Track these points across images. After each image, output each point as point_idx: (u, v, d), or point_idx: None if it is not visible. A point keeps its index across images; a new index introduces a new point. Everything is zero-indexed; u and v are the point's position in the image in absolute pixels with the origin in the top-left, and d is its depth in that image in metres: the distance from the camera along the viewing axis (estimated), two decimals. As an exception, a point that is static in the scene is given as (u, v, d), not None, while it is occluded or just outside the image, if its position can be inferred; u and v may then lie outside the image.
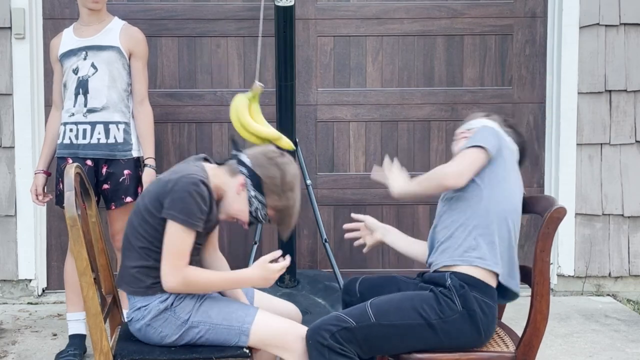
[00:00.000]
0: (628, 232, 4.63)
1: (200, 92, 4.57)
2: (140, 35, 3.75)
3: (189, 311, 2.51)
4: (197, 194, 2.44)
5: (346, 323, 2.48)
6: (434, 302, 2.51)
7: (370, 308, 2.51)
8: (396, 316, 2.49)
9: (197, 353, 2.49)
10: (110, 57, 3.64)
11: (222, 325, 2.49)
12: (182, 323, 2.50)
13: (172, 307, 2.51)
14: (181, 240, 2.45)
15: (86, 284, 2.40)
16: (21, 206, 4.42)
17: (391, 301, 2.55)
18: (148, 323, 2.51)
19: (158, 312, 2.50)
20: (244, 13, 4.55)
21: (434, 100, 4.67)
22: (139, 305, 2.53)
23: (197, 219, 2.45)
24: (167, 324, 2.51)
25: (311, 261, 4.67)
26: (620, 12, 4.54)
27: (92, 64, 3.63)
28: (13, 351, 3.71)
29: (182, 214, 2.43)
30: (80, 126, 3.61)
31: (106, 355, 2.43)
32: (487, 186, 2.59)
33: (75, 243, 2.37)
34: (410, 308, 2.50)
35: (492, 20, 4.66)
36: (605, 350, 3.79)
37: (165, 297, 2.52)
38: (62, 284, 4.54)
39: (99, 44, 3.65)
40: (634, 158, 4.60)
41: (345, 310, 2.57)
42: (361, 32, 4.63)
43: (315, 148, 4.64)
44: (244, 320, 2.49)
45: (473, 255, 2.56)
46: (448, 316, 2.49)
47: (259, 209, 2.55)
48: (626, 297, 4.64)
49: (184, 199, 2.43)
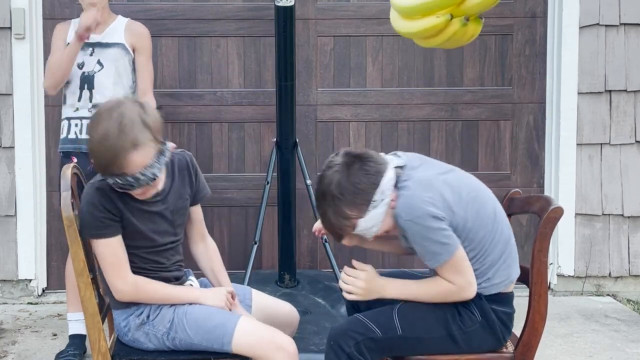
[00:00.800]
0: (628, 232, 4.63)
1: (200, 92, 4.57)
2: (144, 29, 3.78)
3: (169, 319, 2.47)
4: (88, 204, 2.42)
5: (373, 333, 2.44)
6: (455, 313, 2.47)
7: (398, 317, 2.46)
8: (422, 329, 2.45)
9: (195, 354, 2.49)
10: (116, 53, 3.67)
11: (202, 344, 2.45)
12: (164, 334, 2.47)
13: (150, 320, 2.49)
14: (101, 250, 2.44)
15: (83, 284, 2.40)
16: (21, 206, 4.42)
17: (418, 310, 2.48)
18: (132, 339, 2.51)
19: (136, 327, 2.49)
20: (244, 13, 4.55)
21: (434, 100, 4.67)
22: (118, 321, 2.53)
23: (97, 227, 2.42)
24: (151, 337, 2.49)
25: (311, 261, 4.67)
26: (620, 12, 4.53)
27: (98, 61, 3.64)
28: (13, 351, 3.72)
29: (85, 229, 2.43)
30: (85, 121, 3.62)
31: (104, 355, 2.43)
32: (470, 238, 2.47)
33: (72, 243, 2.37)
34: (435, 320, 2.46)
35: (492, 20, 4.64)
36: (605, 350, 3.78)
37: (140, 310, 2.50)
38: (62, 284, 4.55)
39: (106, 41, 3.67)
40: (634, 158, 4.59)
41: (370, 316, 2.49)
42: (361, 32, 4.63)
43: (315, 148, 4.64)
44: (222, 342, 2.43)
45: (482, 285, 2.49)
46: (468, 327, 2.47)
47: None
48: (626, 297, 4.64)
49: (82, 217, 2.44)
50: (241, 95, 4.57)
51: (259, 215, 4.02)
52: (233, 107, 4.57)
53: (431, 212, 2.35)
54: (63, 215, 2.35)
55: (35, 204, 4.44)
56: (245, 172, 4.63)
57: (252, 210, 4.56)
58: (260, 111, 4.58)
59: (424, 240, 2.39)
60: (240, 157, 4.62)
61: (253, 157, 4.61)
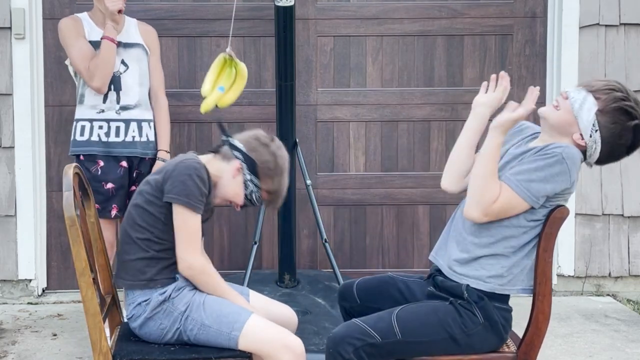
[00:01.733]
0: (628, 232, 4.63)
1: (200, 92, 4.55)
2: (153, 29, 3.82)
3: (187, 302, 2.52)
4: (197, 177, 2.50)
5: (372, 338, 2.42)
6: (456, 315, 2.46)
7: (397, 322, 2.45)
8: (422, 333, 2.44)
9: (197, 353, 2.49)
10: (138, 54, 3.67)
11: (212, 328, 2.49)
12: (180, 314, 2.51)
13: (171, 298, 2.53)
14: (189, 222, 2.50)
15: (85, 284, 2.40)
16: (21, 206, 4.42)
17: (417, 315, 2.48)
18: (148, 316, 2.52)
19: (157, 303, 2.52)
20: (244, 13, 4.55)
21: (434, 100, 4.67)
22: (139, 300, 2.54)
23: (198, 201, 2.50)
24: (166, 315, 2.51)
25: (311, 261, 4.67)
26: (620, 12, 4.54)
27: (123, 61, 3.63)
28: (13, 351, 3.71)
29: (184, 196, 2.48)
30: (113, 123, 3.61)
31: (105, 355, 2.43)
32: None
33: (74, 243, 2.37)
34: (436, 323, 2.45)
35: (492, 20, 4.65)
36: (605, 350, 3.78)
37: (164, 290, 2.53)
38: (62, 284, 4.56)
39: (126, 41, 3.66)
40: (634, 158, 4.58)
41: (369, 321, 2.47)
42: (361, 32, 4.63)
43: (315, 148, 4.64)
44: (232, 327, 2.48)
45: (496, 283, 2.48)
46: (471, 329, 2.46)
47: (254, 191, 2.63)
48: (626, 297, 4.64)
49: (184, 181, 2.48)
50: (241, 95, 4.55)
51: (259, 215, 4.02)
52: (233, 107, 4.54)
53: (575, 165, 2.39)
54: (65, 215, 2.35)
55: (35, 204, 4.44)
56: (245, 172, 4.62)
57: (252, 210, 4.56)
58: (260, 111, 4.58)
59: (541, 168, 2.38)
60: (240, 157, 4.61)
61: (253, 157, 4.59)
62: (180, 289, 2.55)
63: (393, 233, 4.69)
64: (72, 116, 4.47)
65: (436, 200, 4.66)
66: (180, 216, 2.50)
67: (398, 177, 4.67)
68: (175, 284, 2.55)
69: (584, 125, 2.45)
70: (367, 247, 4.69)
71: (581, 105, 2.45)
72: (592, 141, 2.46)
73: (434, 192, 4.64)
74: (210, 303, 2.53)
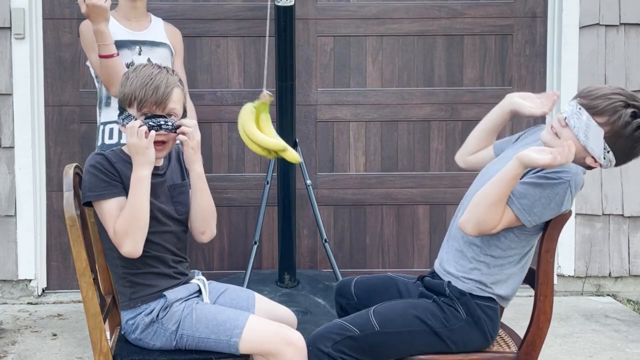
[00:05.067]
0: (628, 232, 4.63)
1: (200, 92, 4.56)
2: (179, 32, 3.79)
3: (177, 320, 2.47)
4: (89, 168, 2.41)
5: (350, 332, 2.45)
6: (437, 311, 2.48)
7: (374, 316, 2.47)
8: (400, 323, 2.46)
9: (197, 354, 2.48)
10: (164, 54, 3.61)
11: (210, 338, 2.44)
12: (172, 334, 2.46)
13: (159, 319, 2.47)
14: (104, 209, 2.41)
15: (85, 285, 2.40)
16: (21, 206, 4.42)
17: (395, 309, 2.51)
18: (139, 337, 2.50)
19: (145, 325, 2.47)
20: (244, 13, 4.55)
21: (434, 100, 4.67)
22: (127, 319, 2.52)
23: (102, 188, 2.41)
24: (158, 336, 2.47)
25: (311, 261, 4.67)
26: (620, 12, 4.54)
27: (148, 60, 3.51)
28: (13, 351, 3.71)
29: (86, 191, 2.41)
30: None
31: (106, 355, 2.43)
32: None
33: (74, 243, 2.37)
34: (414, 316, 2.47)
35: (492, 20, 4.66)
36: (605, 350, 3.78)
37: (150, 309, 2.48)
38: (62, 284, 4.56)
39: (152, 40, 3.60)
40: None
41: (348, 318, 2.52)
42: (361, 32, 4.63)
43: (315, 148, 4.64)
44: (231, 334, 2.43)
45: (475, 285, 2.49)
46: (453, 324, 2.47)
47: (131, 119, 2.43)
48: (626, 297, 4.64)
49: (83, 182, 2.43)
50: (241, 95, 4.56)
51: (259, 215, 4.02)
52: (233, 107, 4.56)
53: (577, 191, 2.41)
54: (65, 215, 2.35)
55: (35, 204, 4.44)
56: (245, 172, 4.63)
57: (252, 210, 4.56)
58: (260, 111, 4.57)
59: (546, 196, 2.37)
60: (240, 157, 4.62)
61: (253, 157, 4.60)
62: (167, 308, 2.48)
63: (393, 233, 4.70)
64: (72, 116, 4.51)
65: (436, 200, 4.67)
66: (97, 210, 2.44)
67: (398, 177, 4.67)
68: (163, 303, 2.49)
69: (595, 153, 2.44)
70: (367, 247, 4.69)
71: (586, 134, 2.41)
72: (607, 161, 2.46)
73: (434, 192, 4.64)
74: (202, 314, 2.47)
